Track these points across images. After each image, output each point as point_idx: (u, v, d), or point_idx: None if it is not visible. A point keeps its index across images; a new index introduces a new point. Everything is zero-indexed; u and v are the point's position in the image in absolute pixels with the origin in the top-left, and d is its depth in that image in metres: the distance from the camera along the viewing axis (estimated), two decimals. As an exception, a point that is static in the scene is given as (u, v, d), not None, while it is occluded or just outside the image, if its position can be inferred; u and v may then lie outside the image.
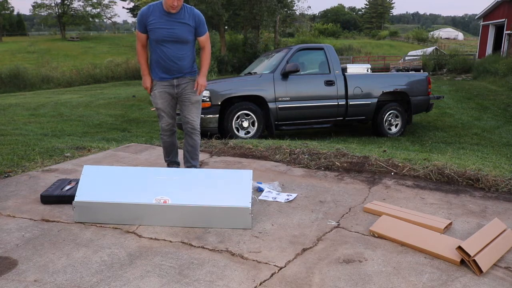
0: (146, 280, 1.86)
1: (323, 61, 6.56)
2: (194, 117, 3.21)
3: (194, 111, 3.21)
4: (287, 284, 1.82)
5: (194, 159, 3.32)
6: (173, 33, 3.00)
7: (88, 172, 2.58)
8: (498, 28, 22.26)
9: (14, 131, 6.68)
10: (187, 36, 3.04)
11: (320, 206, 2.76)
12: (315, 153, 4.03)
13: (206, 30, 3.14)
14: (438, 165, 3.42)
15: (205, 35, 3.15)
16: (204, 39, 3.15)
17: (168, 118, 3.27)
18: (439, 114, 9.15)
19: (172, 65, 3.08)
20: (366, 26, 78.62)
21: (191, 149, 3.29)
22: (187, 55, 3.11)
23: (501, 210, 2.64)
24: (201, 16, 3.07)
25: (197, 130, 3.24)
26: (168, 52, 3.04)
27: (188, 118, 3.21)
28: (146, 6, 3.02)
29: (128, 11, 53.39)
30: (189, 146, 3.29)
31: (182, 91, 3.19)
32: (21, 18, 61.72)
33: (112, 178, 2.56)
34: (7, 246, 2.18)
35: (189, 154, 3.32)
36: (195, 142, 3.27)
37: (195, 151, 3.30)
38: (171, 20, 2.99)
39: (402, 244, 2.18)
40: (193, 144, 3.27)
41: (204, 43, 3.16)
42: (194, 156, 3.31)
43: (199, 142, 3.30)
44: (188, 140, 3.27)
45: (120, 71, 25.09)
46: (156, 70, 3.15)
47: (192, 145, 3.27)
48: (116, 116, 9.96)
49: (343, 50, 37.29)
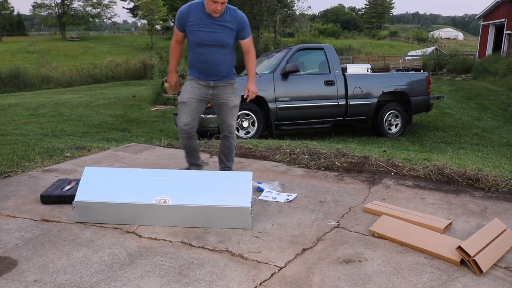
0: (146, 280, 1.86)
1: (323, 61, 6.56)
2: (231, 122, 3.11)
3: (231, 115, 3.10)
4: (287, 284, 1.82)
5: (229, 160, 3.29)
6: (214, 37, 2.85)
7: (89, 173, 2.58)
8: (498, 28, 22.26)
9: (14, 131, 6.68)
10: (228, 40, 2.89)
11: (320, 206, 2.76)
12: (315, 153, 4.03)
13: (249, 33, 2.96)
14: (438, 165, 3.42)
15: (248, 39, 2.97)
16: (248, 42, 2.98)
17: (188, 116, 3.01)
18: (439, 114, 9.15)
19: (210, 69, 2.95)
20: (366, 26, 78.62)
21: (227, 151, 3.24)
22: (227, 59, 2.97)
23: (501, 210, 2.64)
24: (244, 19, 2.90)
25: (234, 134, 3.19)
26: (207, 55, 2.90)
27: (226, 122, 3.12)
28: (187, 4, 2.86)
29: (128, 11, 53.49)
30: (225, 148, 3.22)
31: (218, 94, 3.05)
32: (21, 18, 61.74)
33: (112, 179, 2.56)
34: (7, 246, 2.18)
35: (224, 156, 3.26)
36: (231, 144, 3.21)
37: (231, 153, 3.27)
38: (213, 23, 2.82)
39: (402, 244, 2.18)
40: (229, 146, 3.21)
41: (248, 46, 2.99)
42: (229, 158, 3.28)
43: (235, 145, 3.26)
44: (225, 142, 3.20)
45: (120, 71, 25.11)
46: (193, 69, 3.03)
47: (228, 147, 3.21)
48: (116, 116, 9.96)
49: (343, 50, 37.29)
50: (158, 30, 51.50)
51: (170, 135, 6.97)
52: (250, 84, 3.05)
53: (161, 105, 11.92)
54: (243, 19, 2.90)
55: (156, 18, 39.17)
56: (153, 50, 33.73)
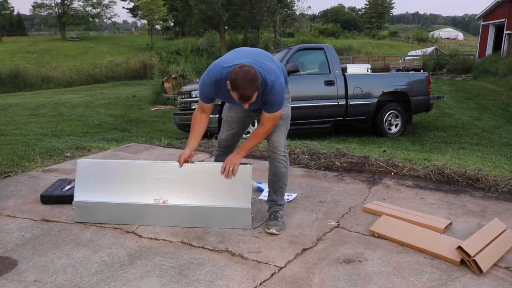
0: (146, 280, 1.86)
1: (323, 61, 6.56)
2: (274, 137, 2.41)
3: (276, 131, 2.40)
4: (287, 284, 1.82)
5: (277, 192, 2.46)
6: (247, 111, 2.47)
7: (84, 168, 2.48)
8: (498, 28, 22.24)
9: (14, 131, 6.68)
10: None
11: (320, 206, 2.76)
12: (315, 153, 4.03)
13: (274, 109, 2.24)
14: (438, 165, 3.42)
15: (270, 115, 2.26)
16: (266, 117, 2.27)
17: (228, 132, 2.60)
18: (439, 114, 9.14)
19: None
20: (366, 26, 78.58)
21: (273, 179, 2.46)
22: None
23: (501, 210, 2.64)
24: (271, 94, 2.18)
25: (280, 154, 2.41)
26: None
27: (269, 138, 2.42)
28: (209, 80, 2.24)
29: (128, 11, 53.44)
30: (271, 174, 2.47)
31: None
32: (21, 18, 61.68)
33: (109, 174, 2.48)
34: (7, 246, 2.18)
35: (271, 186, 2.49)
36: (278, 170, 2.43)
37: (278, 182, 2.45)
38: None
39: (402, 244, 2.18)
40: (275, 172, 2.44)
41: (264, 121, 2.29)
42: (277, 189, 2.46)
43: (284, 172, 2.44)
44: (271, 166, 2.46)
45: (120, 71, 25.11)
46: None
47: (274, 173, 2.45)
48: (116, 116, 9.96)
49: (343, 50, 37.26)
50: (158, 30, 51.52)
51: (170, 135, 6.97)
52: (233, 154, 2.39)
53: (161, 105, 11.91)
54: (270, 94, 2.19)
55: (156, 18, 39.18)
56: (153, 50, 33.78)
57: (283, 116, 2.38)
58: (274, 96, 2.18)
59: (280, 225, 2.36)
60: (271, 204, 2.47)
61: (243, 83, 2.00)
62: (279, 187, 2.45)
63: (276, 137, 2.40)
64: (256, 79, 2.04)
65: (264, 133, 2.31)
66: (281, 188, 2.46)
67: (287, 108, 2.44)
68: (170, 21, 44.53)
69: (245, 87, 2.00)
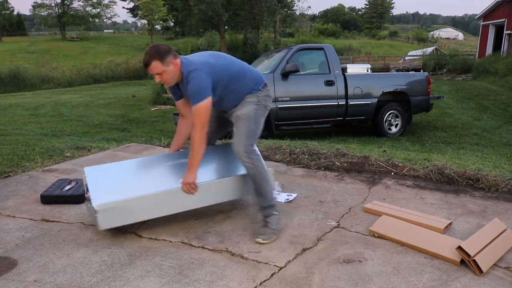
0: (146, 280, 1.86)
1: (323, 61, 6.56)
2: (234, 139, 2.37)
3: (236, 132, 2.37)
4: (287, 284, 1.82)
5: (258, 195, 2.39)
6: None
7: (91, 174, 2.35)
8: (498, 28, 22.24)
9: (14, 131, 6.68)
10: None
11: (320, 206, 2.76)
12: (315, 153, 4.03)
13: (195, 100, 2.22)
14: (438, 165, 3.42)
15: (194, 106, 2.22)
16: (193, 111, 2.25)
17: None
18: (439, 114, 9.14)
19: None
20: (366, 26, 78.60)
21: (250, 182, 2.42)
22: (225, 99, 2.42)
23: (501, 210, 2.64)
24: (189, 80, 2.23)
25: (241, 155, 2.31)
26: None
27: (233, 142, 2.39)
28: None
29: (128, 11, 53.46)
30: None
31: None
32: (21, 18, 61.70)
33: (121, 175, 2.38)
34: (7, 246, 2.18)
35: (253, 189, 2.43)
36: (247, 171, 2.35)
37: (253, 185, 2.37)
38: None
39: (402, 244, 2.18)
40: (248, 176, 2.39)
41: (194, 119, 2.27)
42: (256, 191, 2.39)
43: (253, 173, 2.32)
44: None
45: (120, 71, 25.09)
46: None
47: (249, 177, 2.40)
48: (116, 116, 9.96)
49: (343, 50, 37.27)
50: (158, 30, 51.53)
51: (170, 135, 6.97)
52: (185, 176, 2.30)
53: (161, 105, 11.92)
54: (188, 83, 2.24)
55: (156, 18, 39.18)
56: (153, 50, 33.70)
57: (241, 116, 2.36)
58: (189, 85, 2.23)
59: (270, 232, 2.26)
60: (259, 209, 2.41)
61: (145, 51, 2.25)
62: (257, 189, 2.35)
63: (235, 138, 2.35)
64: (156, 49, 2.23)
65: (198, 137, 2.22)
66: (260, 189, 2.34)
67: (248, 108, 2.38)
68: (170, 21, 44.54)
69: (144, 54, 2.23)
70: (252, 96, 2.43)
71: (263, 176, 2.35)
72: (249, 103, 2.40)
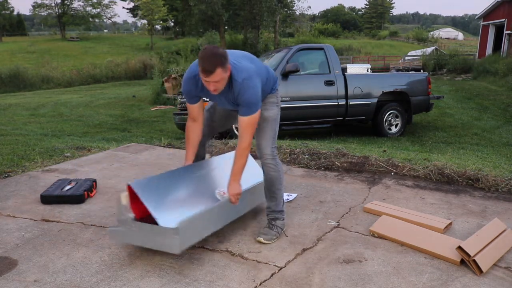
0: (146, 280, 1.86)
1: (323, 61, 6.55)
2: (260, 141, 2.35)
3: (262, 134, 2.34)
4: (287, 284, 1.82)
5: (271, 198, 2.37)
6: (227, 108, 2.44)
7: (140, 188, 2.04)
8: (498, 28, 22.24)
9: (14, 131, 6.68)
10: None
11: (320, 206, 2.76)
12: (315, 153, 4.03)
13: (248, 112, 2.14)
14: (438, 165, 3.42)
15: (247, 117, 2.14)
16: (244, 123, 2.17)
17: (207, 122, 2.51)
18: (439, 114, 9.14)
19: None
20: (366, 26, 78.58)
21: (266, 184, 2.39)
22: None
23: (501, 210, 2.64)
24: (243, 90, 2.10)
25: (267, 158, 2.32)
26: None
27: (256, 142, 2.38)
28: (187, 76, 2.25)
29: (128, 11, 53.43)
30: (264, 180, 2.40)
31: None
32: (21, 18, 61.65)
33: (165, 189, 2.19)
34: (7, 246, 2.18)
35: (265, 191, 2.41)
36: (268, 174, 2.34)
37: (271, 187, 2.36)
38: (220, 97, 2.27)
39: (402, 244, 2.18)
40: (266, 177, 2.37)
41: (242, 130, 2.19)
42: (271, 195, 2.37)
43: (275, 175, 2.32)
44: (263, 172, 2.39)
45: (120, 71, 25.09)
46: None
47: (266, 178, 2.37)
48: (116, 116, 9.96)
49: (343, 50, 37.26)
50: (158, 30, 51.51)
51: (170, 135, 6.97)
52: (231, 186, 2.23)
53: (161, 105, 11.92)
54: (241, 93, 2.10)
55: (156, 18, 39.19)
56: (153, 50, 33.78)
57: (268, 118, 2.32)
58: (244, 95, 2.09)
59: (272, 234, 2.27)
60: (268, 212, 2.39)
61: (204, 55, 1.96)
62: (272, 192, 2.35)
63: (261, 140, 2.33)
64: (219, 54, 1.97)
65: (245, 148, 2.18)
66: (275, 193, 2.34)
67: (273, 111, 2.37)
68: (170, 21, 44.52)
69: (205, 60, 1.95)
70: (272, 96, 2.40)
71: (281, 180, 2.36)
72: (272, 103, 2.38)
